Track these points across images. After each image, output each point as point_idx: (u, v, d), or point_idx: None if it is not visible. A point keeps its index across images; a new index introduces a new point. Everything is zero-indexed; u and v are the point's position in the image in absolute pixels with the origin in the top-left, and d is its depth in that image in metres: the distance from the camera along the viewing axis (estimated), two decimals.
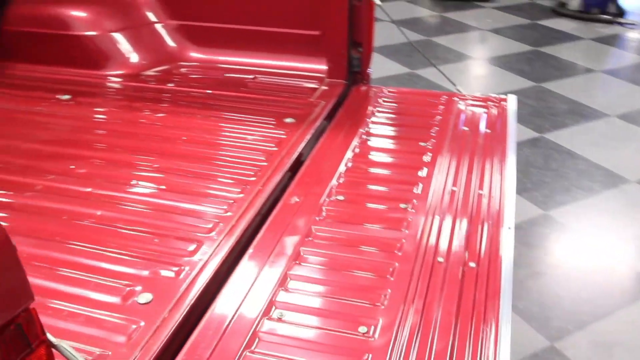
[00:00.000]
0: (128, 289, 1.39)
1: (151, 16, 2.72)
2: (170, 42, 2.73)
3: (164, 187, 1.79)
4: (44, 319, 1.28)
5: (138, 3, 2.71)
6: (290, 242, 1.55)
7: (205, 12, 2.66)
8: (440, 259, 1.48)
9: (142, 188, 1.79)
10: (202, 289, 1.39)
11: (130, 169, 1.89)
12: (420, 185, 1.80)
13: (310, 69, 2.58)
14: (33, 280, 1.42)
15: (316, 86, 2.49)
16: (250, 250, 1.52)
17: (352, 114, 2.28)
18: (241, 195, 1.75)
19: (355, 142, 2.05)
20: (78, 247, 1.53)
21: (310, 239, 1.56)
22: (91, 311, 1.33)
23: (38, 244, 1.55)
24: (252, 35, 2.63)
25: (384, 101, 2.37)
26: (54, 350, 0.84)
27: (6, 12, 2.70)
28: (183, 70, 2.64)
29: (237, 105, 2.32)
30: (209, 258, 1.48)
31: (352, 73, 2.52)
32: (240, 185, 1.80)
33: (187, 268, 1.45)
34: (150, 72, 2.62)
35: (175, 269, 1.45)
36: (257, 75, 2.58)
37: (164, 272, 1.44)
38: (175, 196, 1.74)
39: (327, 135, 2.11)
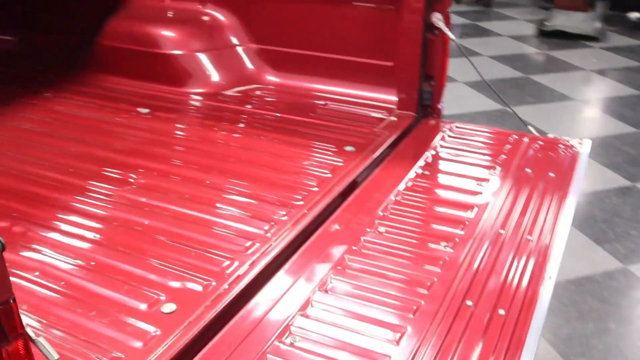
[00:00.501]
0: (155, 297, 1.44)
1: (234, 39, 2.83)
2: (249, 65, 2.83)
3: (213, 203, 1.85)
4: (71, 316, 1.36)
5: (222, 26, 2.84)
6: (320, 269, 1.55)
7: (285, 37, 2.74)
8: (469, 302, 1.43)
9: (193, 202, 1.85)
10: (224, 306, 1.42)
11: (185, 183, 1.97)
12: (467, 224, 1.75)
13: (381, 99, 2.59)
14: (71, 277, 1.50)
15: (384, 117, 2.49)
16: (279, 273, 1.54)
17: (414, 147, 2.26)
18: (285, 217, 1.77)
19: (410, 175, 2.02)
20: (119, 252, 1.61)
21: (340, 268, 1.55)
22: (117, 314, 1.39)
23: (82, 244, 1.64)
24: (327, 62, 2.67)
25: (450, 136, 2.33)
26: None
27: (104, 28, 2.90)
28: (258, 92, 2.72)
29: (302, 129, 2.36)
30: (238, 276, 1.51)
31: (422, 106, 2.50)
32: (286, 207, 1.82)
33: (214, 283, 1.49)
34: (228, 92, 2.72)
35: (205, 283, 1.49)
36: (328, 102, 2.61)
37: (193, 285, 1.48)
38: (221, 213, 1.79)
39: (384, 166, 2.10)
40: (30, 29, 3.41)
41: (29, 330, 0.80)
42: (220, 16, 2.85)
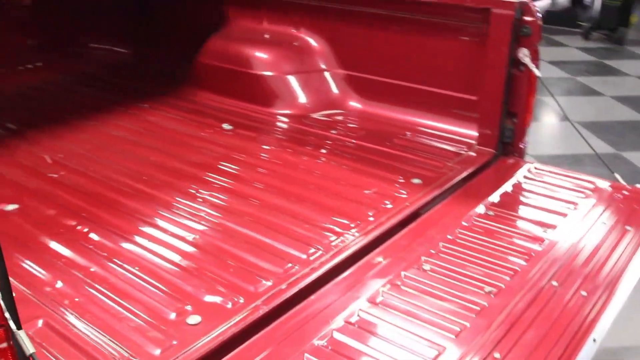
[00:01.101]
0: (185, 307, 1.49)
1: (322, 64, 2.88)
2: (334, 90, 2.86)
3: (265, 222, 1.88)
4: (105, 315, 1.42)
5: (313, 50, 2.89)
6: (350, 301, 1.52)
7: (371, 65, 2.74)
8: (497, 355, 1.34)
9: (246, 219, 1.89)
10: (245, 325, 1.43)
11: (244, 200, 2.02)
12: (519, 271, 1.65)
13: (461, 133, 2.51)
14: (115, 279, 1.59)
15: (462, 151, 2.41)
16: (308, 300, 1.53)
17: (484, 185, 2.17)
18: (332, 244, 1.76)
19: (472, 214, 1.94)
20: (165, 260, 1.67)
21: (373, 302, 1.52)
22: (145, 318, 1.44)
23: (134, 248, 1.73)
24: (411, 92, 2.64)
25: (526, 177, 2.21)
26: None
27: (204, 47, 3.06)
28: (339, 117, 2.74)
29: (373, 157, 2.34)
30: (268, 298, 1.52)
31: (503, 143, 2.39)
32: (337, 234, 1.82)
33: (242, 301, 1.50)
34: (311, 115, 2.76)
35: (234, 299, 1.51)
36: (407, 132, 2.58)
37: (222, 301, 1.51)
38: (271, 232, 1.82)
39: (447, 202, 2.04)
40: (143, 44, 3.66)
41: (11, 323, 0.85)
42: (311, 40, 2.91)
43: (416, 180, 2.16)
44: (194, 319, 1.45)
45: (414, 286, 1.58)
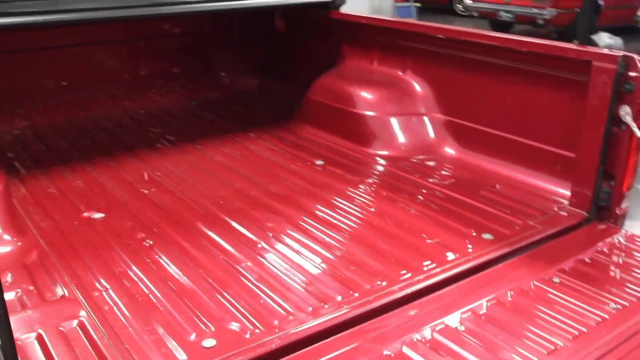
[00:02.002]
0: (205, 329, 1.54)
1: (422, 107, 2.85)
2: (431, 134, 2.82)
3: (315, 259, 1.89)
4: (133, 324, 1.52)
5: (415, 94, 2.88)
6: (386, 345, 1.49)
7: (470, 112, 2.67)
8: None
9: (297, 254, 1.93)
10: (257, 355, 1.45)
11: (301, 233, 2.06)
12: (557, 349, 1.50)
13: (554, 191, 2.35)
14: (152, 293, 1.69)
15: (550, 210, 2.25)
16: (321, 344, 1.51)
17: (562, 249, 2.01)
18: (378, 286, 1.74)
19: (531, 277, 1.81)
20: (204, 282, 1.75)
21: (404, 350, 1.47)
22: (166, 334, 1.52)
23: (183, 266, 1.83)
24: (507, 142, 2.53)
25: (615, 247, 2.01)
26: None
27: (315, 84, 3.17)
28: (430, 163, 2.68)
29: (452, 207, 2.27)
30: (286, 335, 1.53)
31: (597, 207, 2.20)
32: (386, 278, 1.79)
33: (259, 332, 1.53)
34: (405, 158, 2.73)
35: (253, 329, 1.54)
36: (497, 184, 2.46)
37: (241, 328, 1.55)
38: (314, 270, 1.83)
39: (511, 262, 1.91)
40: (268, 76, 3.87)
41: None
42: (415, 84, 2.90)
43: (487, 236, 2.06)
44: (209, 342, 1.50)
45: (441, 346, 1.51)
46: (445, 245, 1.99)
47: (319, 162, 2.73)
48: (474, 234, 2.07)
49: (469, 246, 1.99)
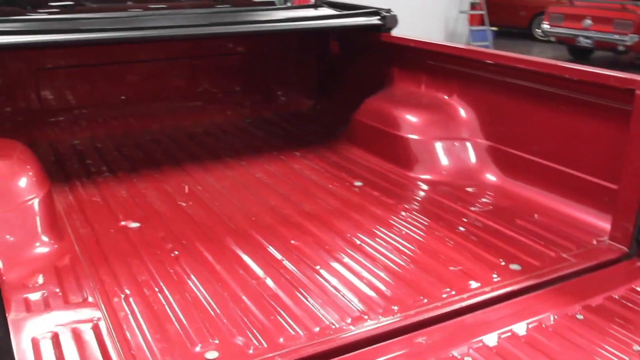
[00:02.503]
0: (211, 341, 1.58)
1: (465, 133, 2.81)
2: (473, 160, 2.77)
3: (332, 281, 1.90)
4: (148, 330, 1.58)
5: (460, 119, 2.84)
6: None
7: (513, 138, 2.62)
8: None
9: (310, 271, 1.94)
10: None
11: (324, 253, 2.06)
12: None
13: (593, 223, 2.26)
14: (172, 301, 1.74)
15: (586, 243, 2.16)
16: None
17: (591, 285, 1.92)
18: (391, 311, 1.73)
19: (553, 313, 1.74)
20: (219, 296, 1.80)
21: None
22: (174, 344, 1.56)
23: (200, 277, 1.88)
24: (548, 171, 2.45)
25: None
26: None
27: (362, 105, 3.19)
28: (469, 189, 2.63)
29: (484, 235, 2.22)
30: (287, 351, 1.54)
31: (638, 243, 2.09)
32: (400, 303, 1.77)
33: (262, 348, 1.55)
34: (444, 182, 2.70)
35: (257, 345, 1.56)
36: (535, 214, 2.39)
37: (245, 342, 1.57)
38: (330, 291, 1.84)
39: (534, 296, 1.84)
40: (323, 97, 3.92)
41: None
42: (460, 108, 2.86)
43: (515, 266, 2.00)
44: (212, 354, 1.54)
45: None
46: (469, 274, 1.95)
47: (358, 183, 2.74)
48: (503, 263, 2.02)
49: (494, 276, 1.94)
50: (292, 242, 2.16)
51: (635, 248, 2.10)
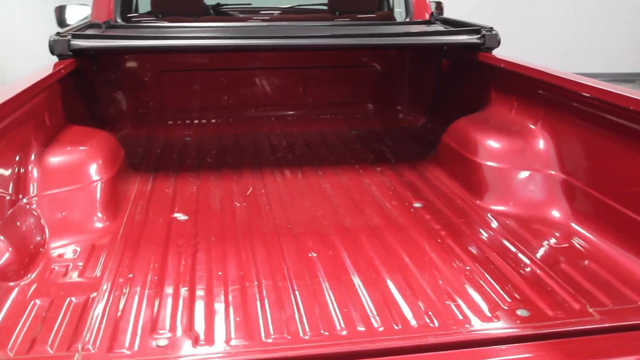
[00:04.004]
0: (169, 331, 1.69)
1: (542, 165, 2.59)
2: (544, 193, 2.54)
3: (319, 295, 1.90)
4: (118, 314, 1.74)
5: (540, 150, 2.62)
6: None
7: (589, 177, 2.36)
8: None
9: (307, 284, 1.96)
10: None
11: (335, 269, 2.06)
12: None
13: None
14: (168, 291, 1.88)
15: (630, 301, 1.90)
16: None
17: (600, 348, 1.68)
18: (355, 333, 1.70)
19: None
20: (212, 289, 1.91)
21: None
22: (138, 327, 1.70)
23: (203, 272, 2.00)
24: (619, 217, 2.17)
25: None
26: None
27: (449, 128, 3.08)
28: (535, 225, 2.41)
29: (514, 275, 2.05)
30: (228, 352, 1.60)
31: None
32: (368, 326, 1.73)
33: (209, 346, 1.62)
34: (507, 214, 2.52)
35: (206, 341, 1.64)
36: (589, 260, 2.14)
37: (196, 337, 1.66)
38: (313, 304, 1.85)
39: (521, 347, 1.67)
40: (435, 115, 3.84)
41: None
42: (542, 138, 2.64)
43: (522, 312, 1.82)
44: (163, 342, 1.64)
45: None
46: (465, 311, 1.82)
47: (417, 205, 2.66)
48: (508, 306, 1.85)
49: (494, 318, 1.79)
50: (310, 254, 2.18)
51: None
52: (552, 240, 2.30)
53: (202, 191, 2.79)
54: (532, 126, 2.72)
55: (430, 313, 1.80)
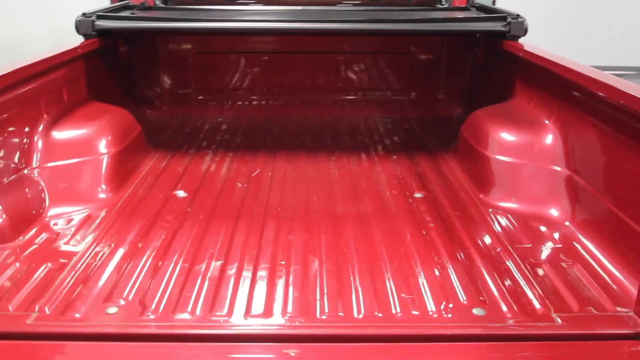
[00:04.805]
0: (122, 299, 1.77)
1: (548, 161, 2.47)
2: (547, 191, 2.42)
3: (286, 278, 1.93)
4: (91, 280, 1.85)
5: (548, 145, 2.50)
6: None
7: (596, 178, 2.23)
8: None
9: (274, 265, 1.99)
10: (130, 333, 1.63)
11: (310, 255, 2.08)
12: None
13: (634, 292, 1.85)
14: (150, 263, 1.97)
15: (603, 309, 1.80)
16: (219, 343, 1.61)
17: (555, 356, 1.61)
18: (297, 319, 1.72)
19: None
20: (186, 262, 1.98)
21: None
22: (99, 293, 1.79)
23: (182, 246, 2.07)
24: (622, 225, 2.04)
25: None
26: None
27: (468, 119, 2.99)
28: (532, 222, 2.32)
29: (496, 275, 1.97)
30: (162, 325, 1.67)
31: None
32: (307, 318, 1.74)
33: (155, 316, 1.69)
34: (509, 211, 2.43)
35: (155, 310, 1.71)
36: (579, 264, 2.03)
37: (145, 306, 1.74)
38: (279, 287, 1.88)
39: (453, 347, 1.63)
40: (469, 105, 3.72)
41: None
42: (551, 133, 2.52)
43: (478, 310, 1.77)
44: (112, 310, 1.73)
45: None
46: (418, 305, 1.79)
47: (418, 195, 2.62)
48: (466, 303, 1.80)
49: (445, 314, 1.75)
50: (289, 237, 2.20)
51: None
52: (545, 241, 2.19)
53: (211, 171, 2.86)
54: (546, 121, 2.60)
55: (379, 303, 1.78)
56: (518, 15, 2.98)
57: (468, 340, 1.65)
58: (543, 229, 2.28)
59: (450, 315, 1.74)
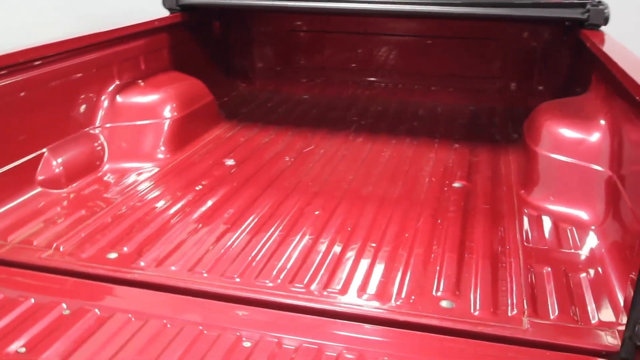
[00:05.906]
0: (126, 252, 1.98)
1: (593, 161, 2.30)
2: (585, 191, 2.27)
3: (298, 252, 2.00)
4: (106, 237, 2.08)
5: (595, 144, 2.33)
6: None
7: (633, 179, 2.06)
8: None
9: (283, 240, 2.07)
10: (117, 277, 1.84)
11: (327, 231, 2.14)
12: None
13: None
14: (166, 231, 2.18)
15: (588, 322, 1.70)
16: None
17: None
18: (267, 285, 1.81)
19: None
20: (202, 230, 2.13)
21: None
22: (102, 247, 2.00)
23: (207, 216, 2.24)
24: None
25: None
26: None
27: (533, 111, 2.84)
28: (561, 226, 2.20)
29: (490, 273, 1.93)
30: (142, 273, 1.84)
31: (633, 344, 1.55)
32: (289, 284, 1.82)
33: (144, 264, 1.88)
34: (543, 210, 2.32)
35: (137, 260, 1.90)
36: (584, 274, 1.92)
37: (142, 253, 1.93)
38: (288, 261, 1.95)
39: (411, 335, 1.63)
40: (557, 96, 3.50)
41: None
42: (600, 132, 2.33)
43: (446, 303, 1.73)
44: (113, 255, 1.94)
45: None
46: (392, 290, 1.79)
47: (456, 185, 2.56)
48: (438, 294, 1.78)
49: (411, 301, 1.75)
50: (314, 212, 2.26)
51: (629, 349, 1.55)
52: (563, 245, 2.07)
53: (268, 143, 3.00)
54: (602, 121, 2.40)
55: (357, 285, 1.82)
56: (600, 2, 2.75)
57: (419, 330, 1.64)
58: (567, 231, 2.15)
59: (412, 302, 1.73)
